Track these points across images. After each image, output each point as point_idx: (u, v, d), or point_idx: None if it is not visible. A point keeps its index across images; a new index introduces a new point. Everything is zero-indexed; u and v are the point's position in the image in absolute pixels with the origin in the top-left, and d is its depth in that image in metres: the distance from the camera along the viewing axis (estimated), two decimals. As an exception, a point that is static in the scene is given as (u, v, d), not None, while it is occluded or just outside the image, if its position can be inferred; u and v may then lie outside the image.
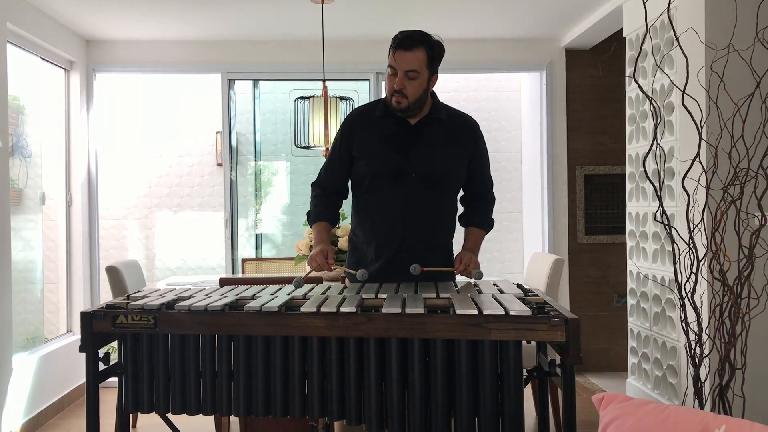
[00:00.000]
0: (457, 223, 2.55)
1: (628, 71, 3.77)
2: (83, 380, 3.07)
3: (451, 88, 5.53)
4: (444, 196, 2.41)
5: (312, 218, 2.49)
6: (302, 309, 1.91)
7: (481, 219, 2.54)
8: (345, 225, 3.76)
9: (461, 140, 2.41)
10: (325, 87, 3.91)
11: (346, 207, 2.65)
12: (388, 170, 2.35)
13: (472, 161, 2.45)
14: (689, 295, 2.62)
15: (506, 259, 5.55)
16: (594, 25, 4.24)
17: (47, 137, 4.51)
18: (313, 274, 3.43)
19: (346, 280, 2.56)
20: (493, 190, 2.60)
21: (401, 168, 2.34)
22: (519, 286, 2.31)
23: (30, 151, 4.32)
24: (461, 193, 2.56)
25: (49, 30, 4.11)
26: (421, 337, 1.84)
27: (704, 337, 2.69)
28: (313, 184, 2.55)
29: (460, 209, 2.57)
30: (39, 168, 4.44)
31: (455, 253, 2.52)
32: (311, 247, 3.76)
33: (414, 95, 2.29)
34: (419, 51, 2.25)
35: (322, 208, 2.49)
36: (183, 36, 4.63)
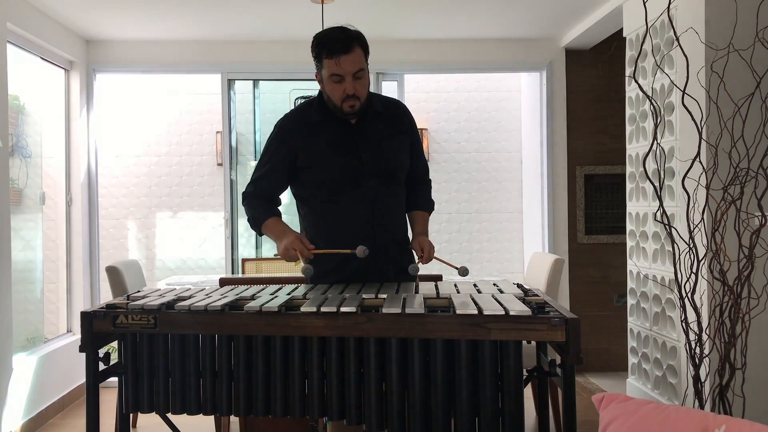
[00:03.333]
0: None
1: (628, 71, 3.77)
2: (83, 380, 3.07)
3: (451, 88, 5.52)
4: (400, 188, 2.41)
5: (259, 219, 2.36)
6: (302, 309, 1.91)
7: (424, 202, 2.51)
8: None
9: (401, 127, 2.40)
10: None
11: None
12: (343, 174, 2.29)
13: (411, 146, 2.44)
14: (689, 295, 2.62)
15: (506, 259, 5.55)
16: (594, 25, 4.24)
17: (47, 137, 4.51)
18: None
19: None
20: (429, 178, 2.59)
21: (355, 169, 2.30)
22: (519, 286, 2.31)
23: (30, 151, 4.32)
24: None
25: (49, 30, 4.11)
26: (421, 337, 1.84)
27: (704, 337, 2.69)
28: (245, 193, 2.43)
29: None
30: (39, 168, 4.44)
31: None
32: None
33: (364, 94, 2.27)
34: (357, 49, 2.21)
35: (265, 207, 2.38)
36: (183, 36, 4.63)
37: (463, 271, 2.26)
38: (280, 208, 2.46)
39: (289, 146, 2.33)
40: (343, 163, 2.30)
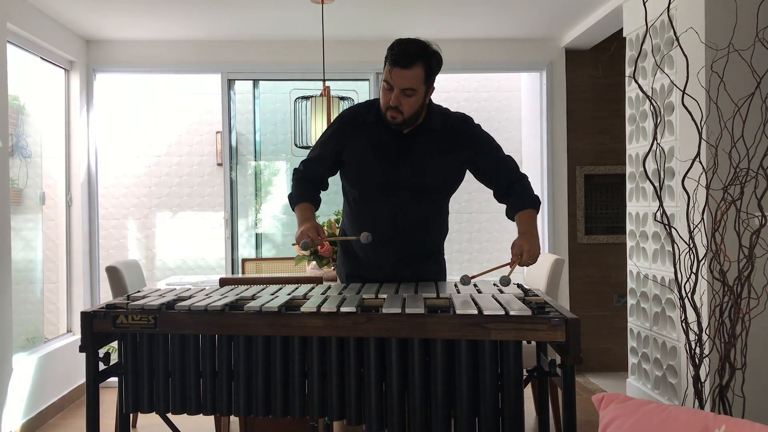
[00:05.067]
0: (447, 226, 2.50)
1: (628, 71, 3.77)
2: (83, 380, 3.07)
3: (451, 88, 5.52)
4: (434, 206, 2.38)
5: (295, 199, 2.42)
6: (302, 309, 1.91)
7: (523, 200, 2.33)
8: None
9: (456, 148, 2.33)
10: (327, 87, 3.92)
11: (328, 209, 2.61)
12: (378, 181, 2.31)
13: (476, 158, 2.36)
14: (689, 295, 2.62)
15: (506, 259, 5.54)
16: (594, 25, 4.24)
17: (47, 137, 4.51)
18: (312, 272, 3.43)
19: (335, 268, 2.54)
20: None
21: (390, 179, 2.29)
22: (519, 286, 2.31)
23: (30, 151, 4.32)
24: (492, 191, 2.45)
25: (49, 30, 4.11)
26: (421, 337, 1.84)
27: (704, 337, 2.69)
28: (296, 170, 2.48)
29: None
30: (39, 168, 4.44)
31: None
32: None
33: (410, 111, 2.22)
34: (417, 68, 2.16)
35: (306, 190, 2.43)
36: (183, 36, 4.63)
37: (505, 282, 2.10)
38: (323, 194, 2.51)
39: (339, 138, 2.37)
40: (380, 168, 2.30)
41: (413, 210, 2.32)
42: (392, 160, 2.30)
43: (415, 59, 2.16)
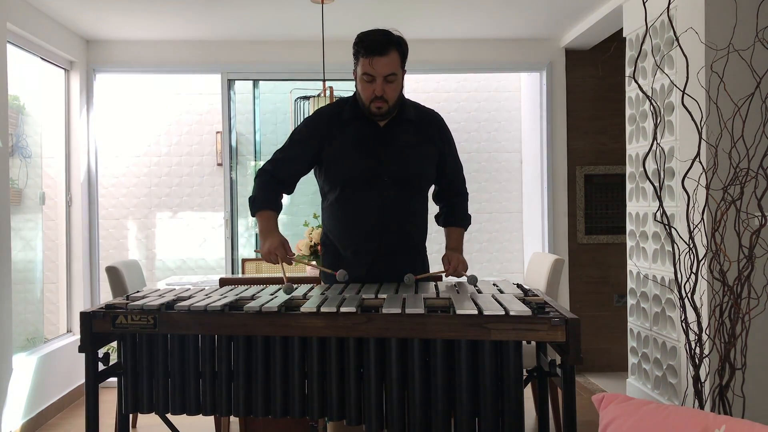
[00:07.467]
0: (431, 223, 2.53)
1: (628, 71, 3.77)
2: (83, 380, 3.07)
3: (451, 88, 5.52)
4: (416, 197, 2.40)
5: (258, 204, 2.35)
6: (302, 309, 1.91)
7: (459, 217, 2.52)
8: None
9: (430, 138, 2.40)
10: (330, 87, 3.92)
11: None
12: (361, 175, 2.32)
13: (444, 156, 2.44)
14: (689, 295, 2.62)
15: (506, 259, 5.55)
16: (594, 25, 4.24)
17: (47, 137, 4.51)
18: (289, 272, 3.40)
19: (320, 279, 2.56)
20: (467, 187, 2.60)
21: (373, 171, 2.31)
22: (519, 286, 2.31)
23: (30, 151, 4.32)
24: (434, 190, 2.55)
25: (49, 30, 4.11)
26: (421, 337, 1.84)
27: (704, 337, 2.69)
28: (262, 170, 2.41)
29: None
30: (39, 168, 4.44)
31: (435, 255, 2.51)
32: (312, 246, 3.75)
33: (393, 98, 2.28)
34: (393, 53, 2.23)
35: (271, 195, 2.37)
36: (183, 36, 4.63)
37: (472, 280, 2.29)
38: (285, 198, 2.47)
39: (316, 138, 2.37)
40: (363, 163, 2.32)
41: (398, 201, 2.34)
42: (374, 152, 2.33)
43: (389, 45, 2.24)
